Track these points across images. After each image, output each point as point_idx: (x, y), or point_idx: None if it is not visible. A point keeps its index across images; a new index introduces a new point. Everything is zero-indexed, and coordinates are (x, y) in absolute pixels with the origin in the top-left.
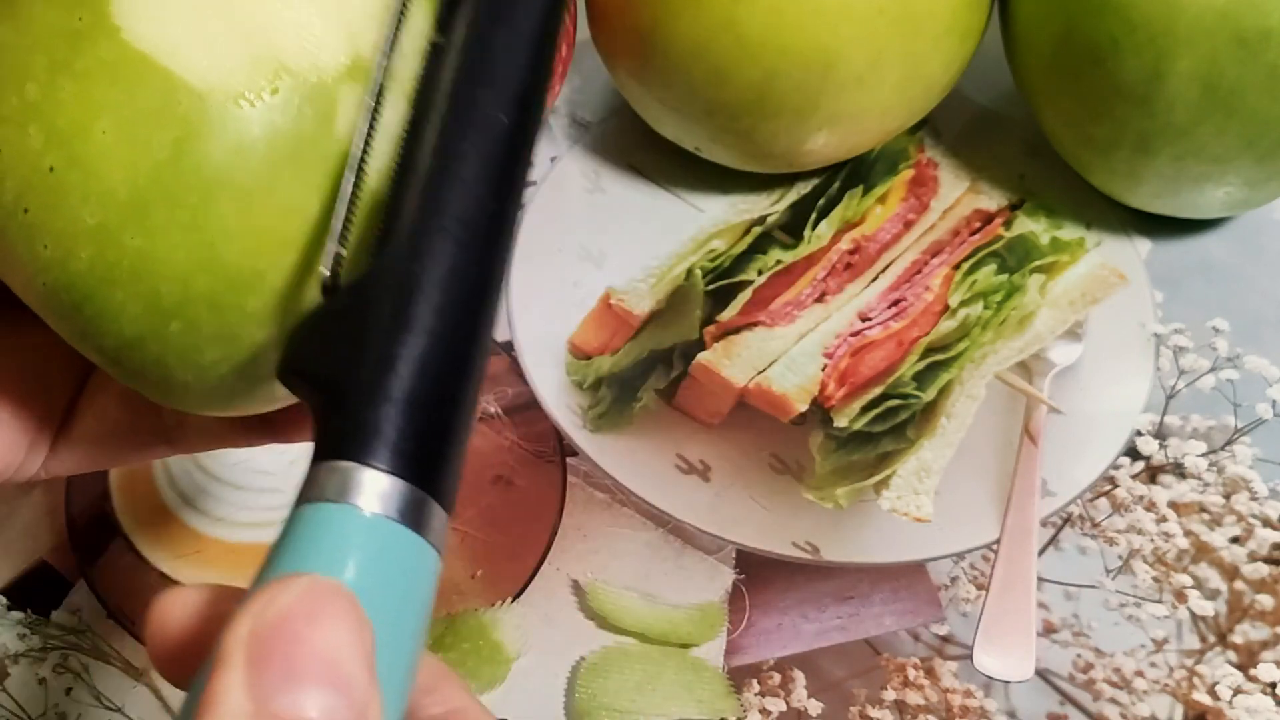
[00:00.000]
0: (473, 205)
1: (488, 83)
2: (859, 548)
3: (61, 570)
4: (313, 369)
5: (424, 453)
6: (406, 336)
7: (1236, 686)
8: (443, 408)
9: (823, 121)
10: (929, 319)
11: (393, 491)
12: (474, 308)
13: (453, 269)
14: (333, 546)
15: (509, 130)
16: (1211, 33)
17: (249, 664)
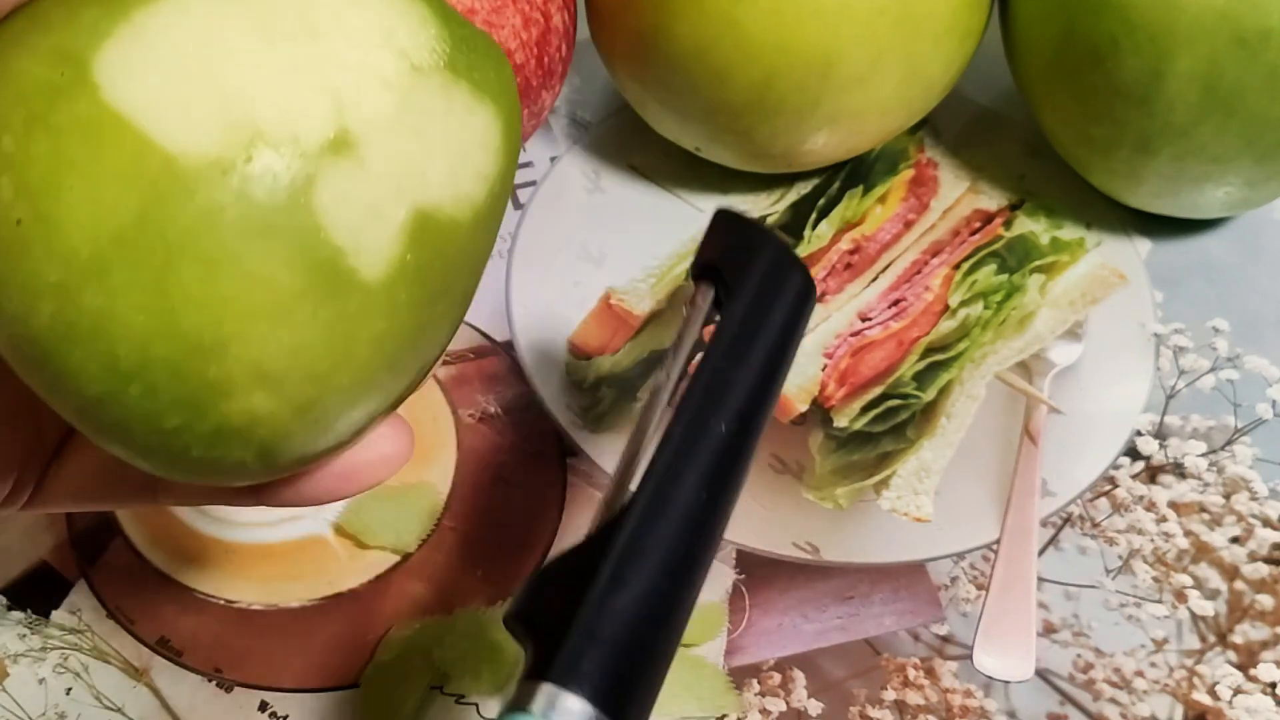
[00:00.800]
0: (690, 496)
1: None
2: (859, 548)
3: (61, 570)
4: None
5: (618, 689)
6: (618, 592)
7: (1236, 686)
8: (639, 655)
9: (823, 121)
10: (929, 319)
11: (580, 713)
12: (679, 578)
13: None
14: None
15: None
16: (1211, 33)
17: None
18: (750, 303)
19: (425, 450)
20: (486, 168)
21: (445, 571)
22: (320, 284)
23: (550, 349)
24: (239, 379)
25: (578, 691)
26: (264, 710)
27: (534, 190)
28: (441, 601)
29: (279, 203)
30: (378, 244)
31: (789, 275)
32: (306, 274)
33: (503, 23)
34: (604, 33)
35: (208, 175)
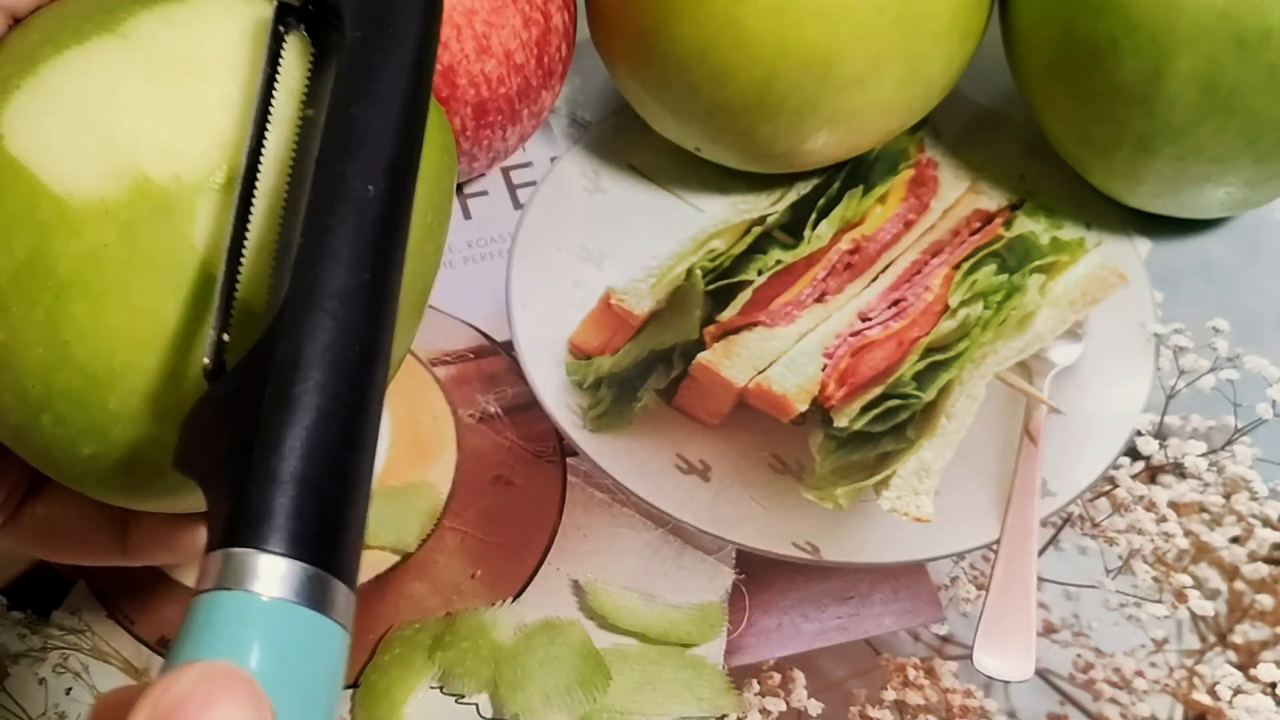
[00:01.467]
0: (346, 279)
1: (352, 155)
2: (859, 548)
3: (61, 570)
4: (202, 457)
5: (319, 532)
6: (289, 416)
7: (1236, 686)
8: (334, 484)
9: (823, 121)
10: (929, 319)
11: (290, 574)
12: (357, 381)
13: (330, 345)
14: (231, 634)
15: (378, 201)
16: (1211, 33)
17: None
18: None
19: (425, 450)
20: None
21: (445, 571)
22: (208, 314)
23: (550, 349)
24: (139, 408)
25: (278, 549)
26: None
27: (534, 190)
28: (441, 601)
29: (161, 239)
30: (265, 274)
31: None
32: (192, 305)
33: (503, 23)
34: (604, 33)
35: (93, 215)
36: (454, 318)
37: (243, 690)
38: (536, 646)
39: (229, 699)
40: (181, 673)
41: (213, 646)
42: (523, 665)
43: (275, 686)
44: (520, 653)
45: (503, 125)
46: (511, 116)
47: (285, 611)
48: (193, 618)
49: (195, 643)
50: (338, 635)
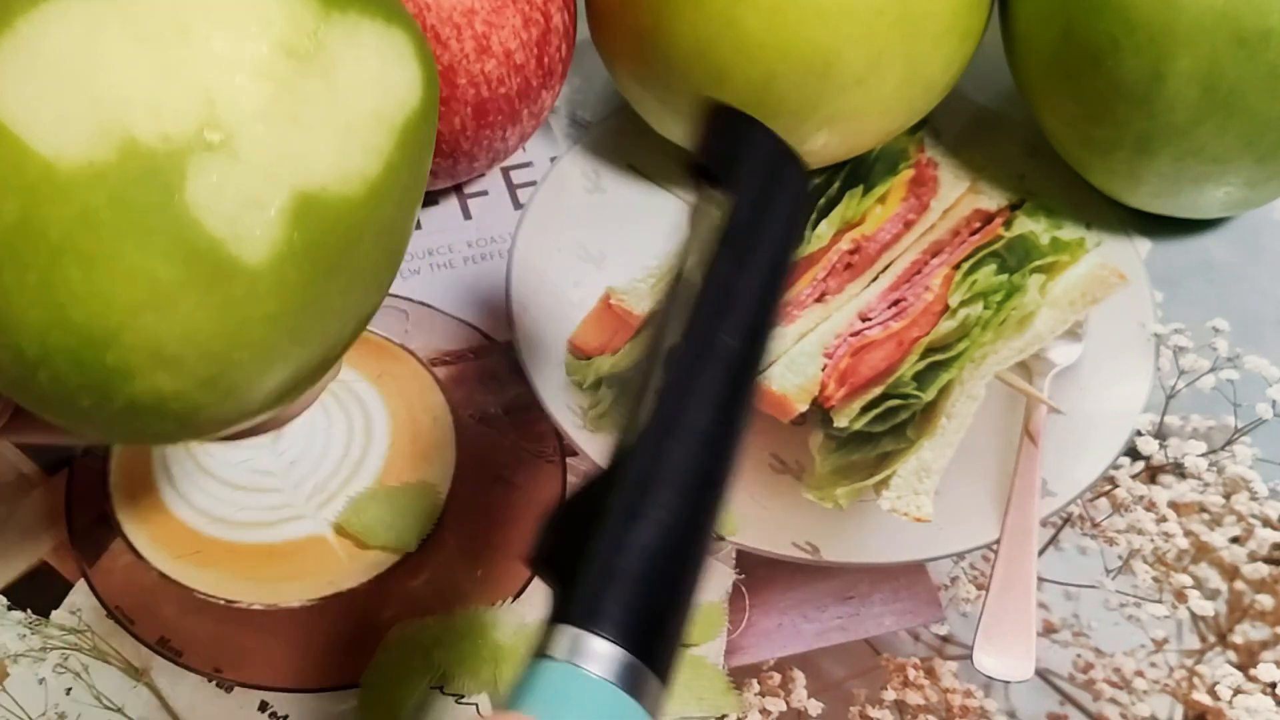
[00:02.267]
0: (703, 417)
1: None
2: (859, 548)
3: (61, 570)
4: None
5: (645, 628)
6: (635, 524)
7: (1236, 686)
8: (664, 589)
9: (823, 122)
10: (929, 319)
11: (614, 658)
12: (699, 506)
13: (680, 471)
14: (556, 697)
15: (738, 355)
16: (1211, 33)
17: None
18: (753, 206)
19: (425, 450)
20: (378, 140)
21: (445, 571)
22: (202, 273)
23: (550, 349)
24: (137, 363)
25: (601, 632)
26: (264, 710)
27: (534, 190)
28: (441, 601)
29: (152, 200)
30: (257, 231)
31: (789, 171)
32: (186, 265)
33: (503, 23)
34: (604, 33)
35: (82, 179)
36: (454, 318)
37: None
38: None
39: None
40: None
41: (537, 705)
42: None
43: None
44: (520, 653)
45: (503, 125)
46: (511, 116)
47: (606, 691)
48: (525, 679)
49: (522, 699)
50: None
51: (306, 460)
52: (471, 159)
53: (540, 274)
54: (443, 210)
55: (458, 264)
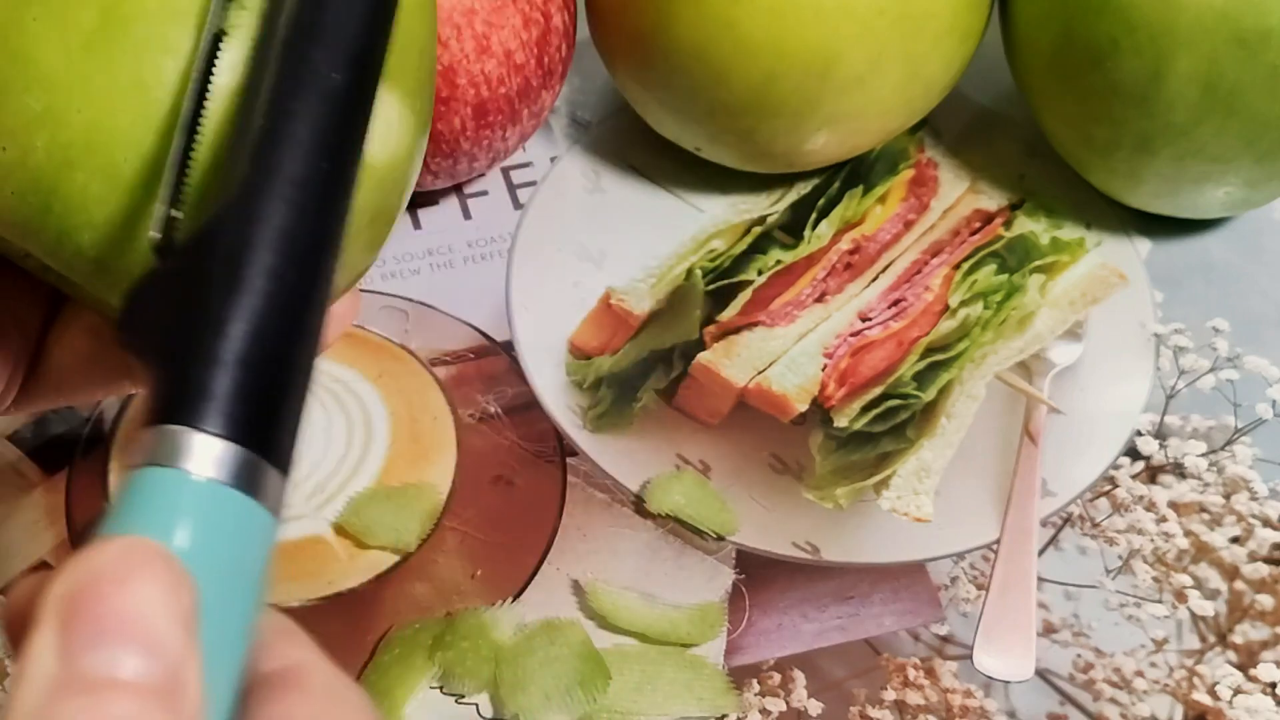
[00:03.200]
0: (304, 165)
1: (321, 40)
2: (859, 548)
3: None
4: (144, 332)
5: (257, 416)
6: (236, 299)
7: (1236, 686)
8: (276, 370)
9: (823, 122)
10: (929, 319)
11: (224, 455)
12: (306, 269)
13: (283, 230)
14: (159, 510)
15: (343, 89)
16: (1211, 33)
17: (59, 625)
18: None
19: (425, 450)
20: None
21: (445, 571)
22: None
23: (550, 349)
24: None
25: (212, 429)
26: None
27: (534, 190)
28: (441, 601)
29: None
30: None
31: None
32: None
33: (503, 23)
34: (604, 33)
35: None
36: (454, 318)
37: (162, 567)
38: (536, 646)
39: (147, 575)
40: (100, 547)
41: (137, 523)
42: (523, 665)
43: (199, 567)
44: (520, 653)
45: (503, 125)
46: (511, 116)
47: (215, 493)
48: (120, 494)
49: (120, 518)
50: (266, 521)
51: (306, 460)
52: (471, 159)
53: (540, 274)
54: (443, 210)
55: (458, 264)
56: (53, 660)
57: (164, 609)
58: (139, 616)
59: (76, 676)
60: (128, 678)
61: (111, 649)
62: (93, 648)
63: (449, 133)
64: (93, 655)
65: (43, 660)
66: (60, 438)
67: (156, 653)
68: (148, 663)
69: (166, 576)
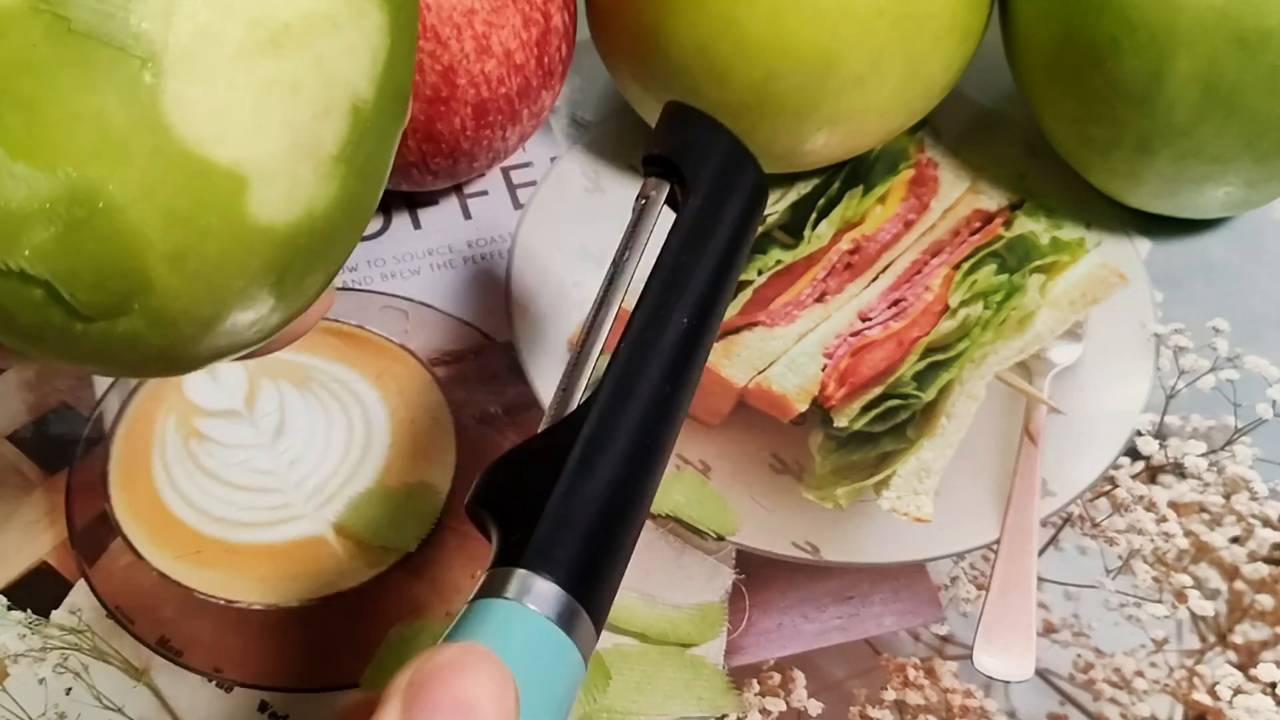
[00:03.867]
0: (654, 385)
1: (678, 292)
2: (859, 548)
3: (61, 570)
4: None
5: (586, 574)
6: (587, 477)
7: (1236, 686)
8: (607, 541)
9: (823, 122)
10: (929, 319)
11: (554, 597)
12: (644, 466)
13: (631, 432)
14: (497, 630)
15: (690, 332)
16: (1211, 33)
17: (403, 705)
18: (706, 197)
19: (425, 450)
20: None
21: (445, 571)
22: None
23: (550, 349)
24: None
25: (550, 576)
26: (264, 710)
27: (534, 190)
28: (441, 601)
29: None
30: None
31: (743, 170)
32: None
33: (503, 23)
34: (604, 33)
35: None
36: (454, 318)
37: (495, 669)
38: None
39: (481, 673)
40: (444, 647)
41: (478, 636)
42: None
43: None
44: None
45: (503, 125)
46: (511, 116)
47: (543, 625)
48: (466, 615)
49: (464, 633)
50: (577, 661)
51: (306, 460)
52: (471, 159)
53: (540, 274)
54: (443, 210)
55: (458, 264)
56: None
57: (492, 702)
58: (472, 703)
59: None
60: None
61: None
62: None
63: (449, 133)
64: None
65: None
66: (60, 438)
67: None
68: None
69: (498, 677)
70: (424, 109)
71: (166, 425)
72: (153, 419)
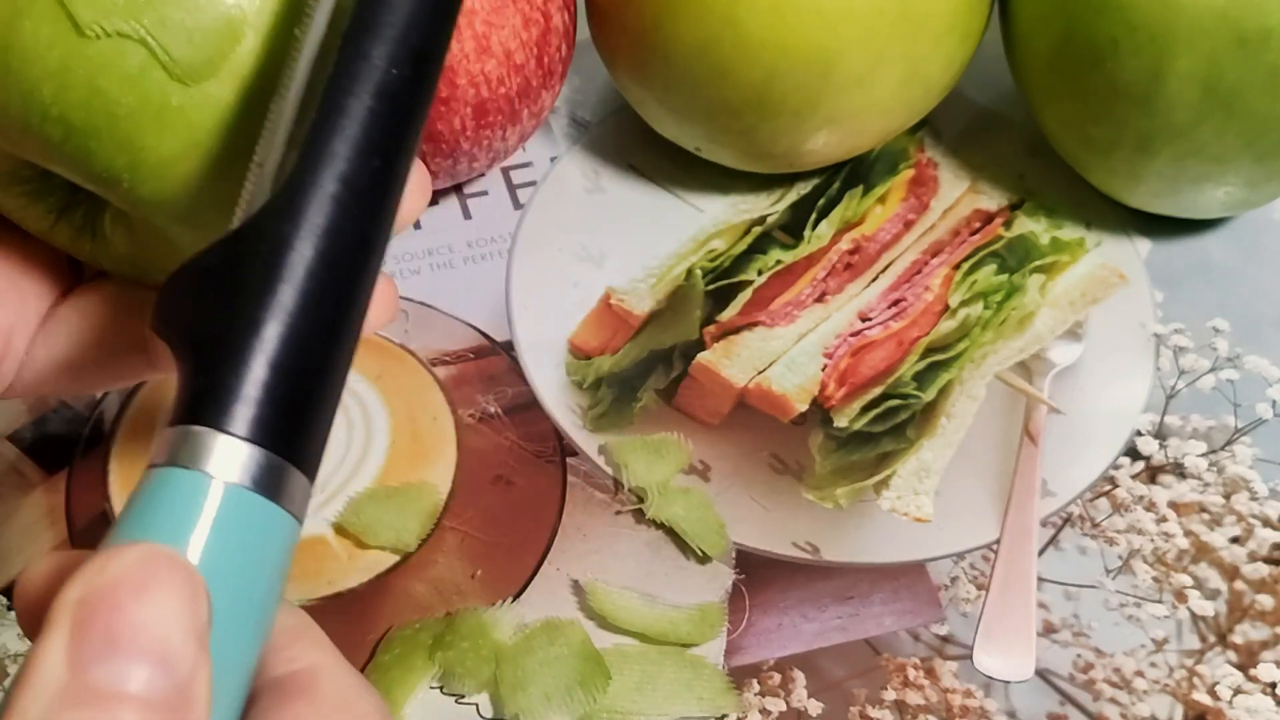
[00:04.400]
0: (356, 164)
1: (380, 36)
2: (859, 548)
3: None
4: (180, 323)
5: (286, 419)
6: (275, 300)
7: (1236, 686)
8: (309, 374)
9: (823, 121)
10: (929, 319)
11: (249, 460)
12: (350, 272)
13: (328, 230)
14: (179, 514)
15: (400, 85)
16: (1211, 33)
17: (72, 631)
18: None
19: (425, 450)
20: None
21: (445, 571)
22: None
23: (550, 349)
24: None
25: (238, 433)
26: None
27: (534, 190)
28: (441, 601)
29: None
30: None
31: None
32: None
33: (503, 23)
34: (604, 33)
35: None
36: (454, 318)
37: (180, 579)
38: (536, 646)
39: (164, 587)
40: (119, 552)
41: (157, 526)
42: (523, 665)
43: (217, 572)
44: (520, 653)
45: (503, 125)
46: (511, 116)
47: (236, 497)
48: (141, 492)
49: (140, 520)
50: (289, 526)
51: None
52: (471, 159)
53: (540, 274)
54: (443, 210)
55: (458, 264)
56: (62, 668)
57: (179, 623)
58: (154, 630)
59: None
60: (136, 691)
61: (123, 662)
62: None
63: (449, 133)
64: (103, 667)
65: (51, 666)
66: (60, 438)
67: (168, 667)
68: (158, 677)
69: (185, 589)
70: None
71: None
72: (153, 419)
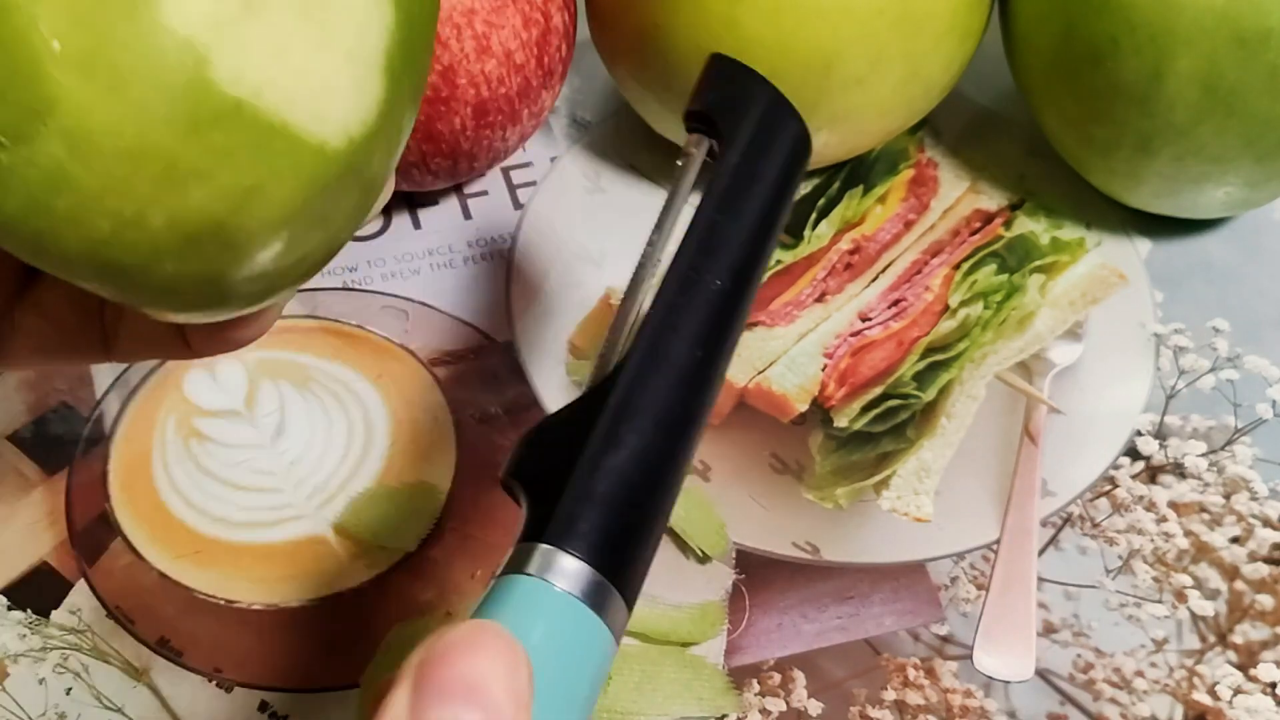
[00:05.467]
0: (683, 351)
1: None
2: (859, 548)
3: (61, 570)
4: (531, 470)
5: (615, 550)
6: (612, 449)
7: (1236, 686)
8: (637, 514)
9: (823, 121)
10: (929, 319)
11: (582, 575)
12: (675, 436)
13: (659, 401)
14: (519, 609)
15: (723, 294)
16: (1211, 33)
17: (413, 685)
18: (745, 153)
19: (425, 450)
20: None
21: (445, 571)
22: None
23: (550, 349)
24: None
25: (574, 552)
26: (264, 710)
27: (534, 190)
28: (441, 601)
29: None
30: None
31: (785, 125)
32: None
33: (503, 23)
34: (604, 33)
35: None
36: (454, 318)
37: (506, 646)
38: None
39: (489, 649)
40: (457, 625)
41: (497, 615)
42: None
43: (543, 663)
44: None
45: (503, 125)
46: (511, 116)
47: (570, 605)
48: (489, 594)
49: (485, 611)
50: (607, 640)
51: (306, 460)
52: (471, 159)
53: (540, 274)
54: (443, 210)
55: (458, 264)
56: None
57: (502, 681)
58: (480, 683)
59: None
60: None
61: (454, 707)
62: (437, 705)
63: (449, 133)
64: (436, 711)
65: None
66: (60, 438)
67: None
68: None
69: (507, 654)
70: (424, 109)
71: (167, 425)
72: (153, 419)
